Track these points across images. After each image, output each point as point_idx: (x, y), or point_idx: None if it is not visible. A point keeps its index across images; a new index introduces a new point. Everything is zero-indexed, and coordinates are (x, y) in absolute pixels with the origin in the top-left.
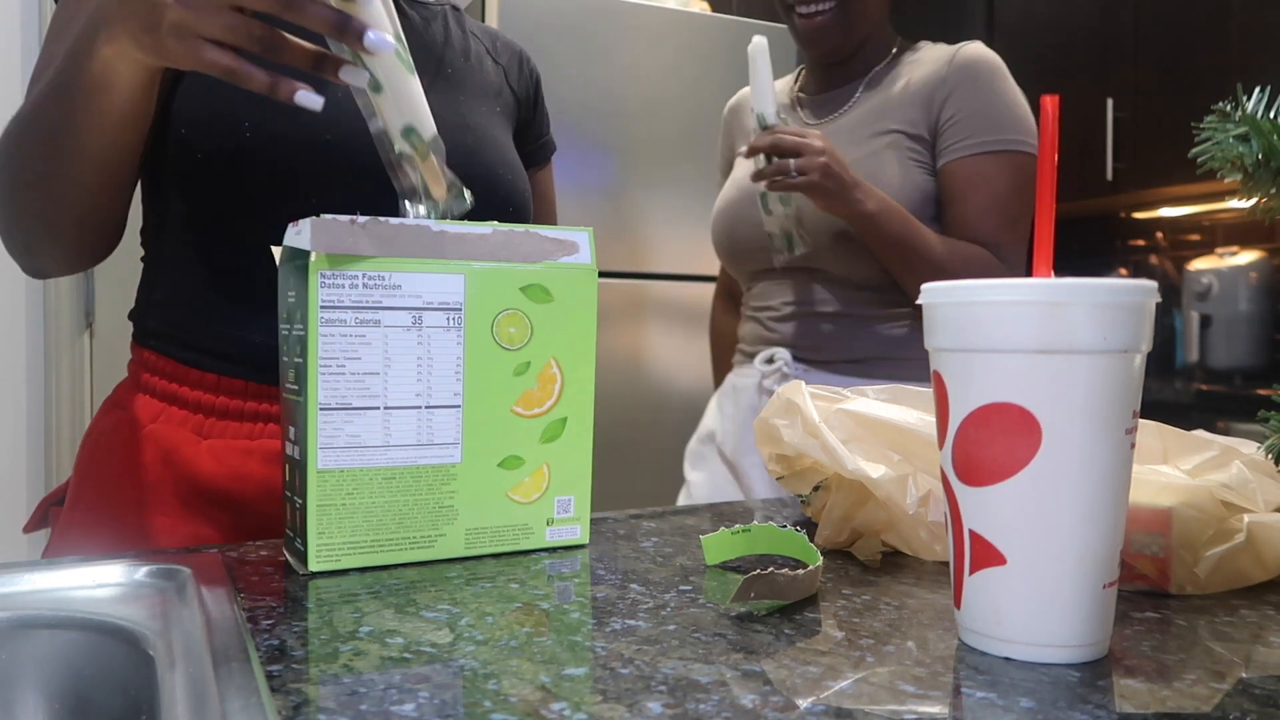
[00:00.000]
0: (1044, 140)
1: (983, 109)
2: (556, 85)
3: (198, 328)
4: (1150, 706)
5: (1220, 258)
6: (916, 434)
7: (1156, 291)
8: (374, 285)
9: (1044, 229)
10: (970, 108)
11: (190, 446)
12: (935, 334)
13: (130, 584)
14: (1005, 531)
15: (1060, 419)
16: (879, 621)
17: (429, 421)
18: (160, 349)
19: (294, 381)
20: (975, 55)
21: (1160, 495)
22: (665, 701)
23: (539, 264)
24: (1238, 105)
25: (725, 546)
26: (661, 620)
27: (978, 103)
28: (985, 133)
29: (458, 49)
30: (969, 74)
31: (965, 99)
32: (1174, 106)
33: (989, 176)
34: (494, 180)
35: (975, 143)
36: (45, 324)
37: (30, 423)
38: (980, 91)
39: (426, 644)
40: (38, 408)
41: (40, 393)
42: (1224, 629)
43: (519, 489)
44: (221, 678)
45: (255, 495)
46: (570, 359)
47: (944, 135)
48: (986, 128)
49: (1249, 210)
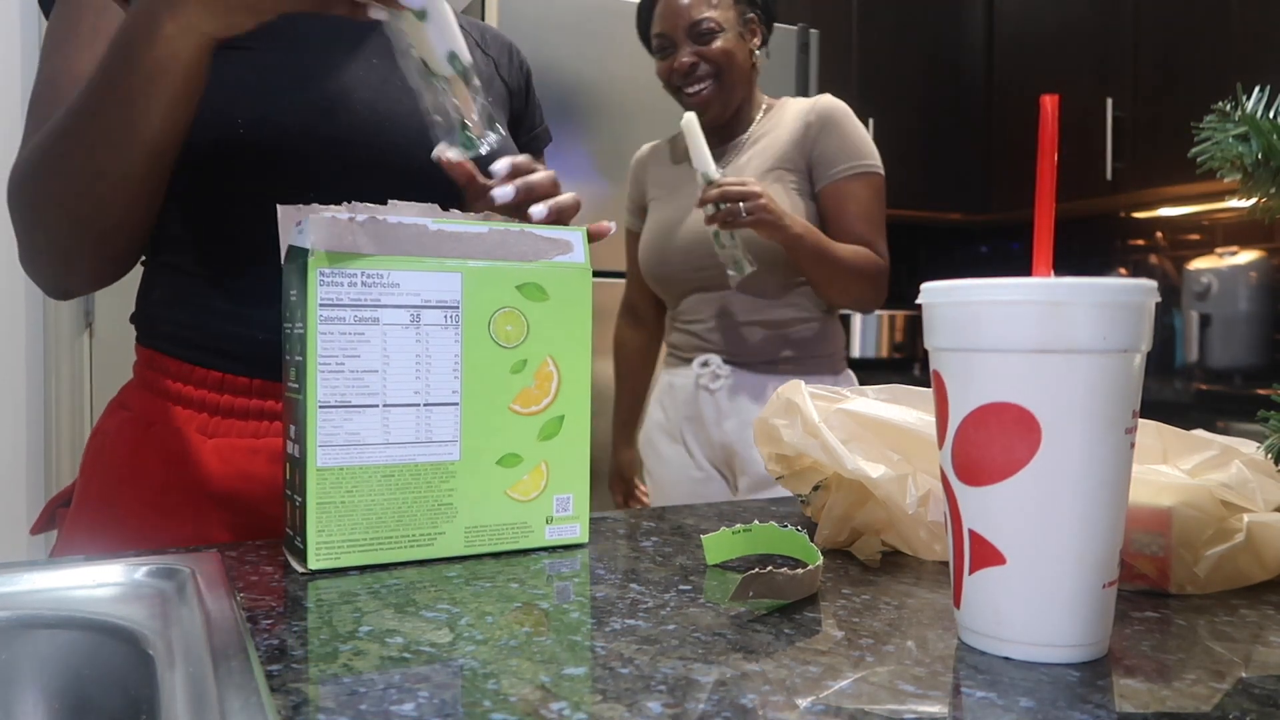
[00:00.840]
0: (1043, 140)
1: (844, 143)
2: (556, 84)
3: (198, 326)
4: (1150, 706)
5: (1220, 257)
6: (916, 434)
7: (1156, 291)
8: (373, 283)
9: (1043, 228)
10: (834, 144)
11: (196, 446)
12: (935, 334)
13: (130, 584)
14: (1005, 531)
15: (1060, 419)
16: (879, 621)
17: (427, 419)
18: (163, 348)
19: (294, 379)
20: (830, 104)
21: (1160, 495)
22: (665, 701)
23: (534, 263)
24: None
25: (725, 546)
26: (661, 620)
27: (839, 139)
28: (847, 160)
29: None
30: (828, 117)
31: (829, 137)
32: (1173, 106)
33: (857, 193)
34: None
35: (842, 168)
36: (45, 324)
37: (30, 423)
38: (839, 130)
39: (426, 644)
40: (37, 408)
41: (40, 393)
42: (1224, 628)
43: (518, 487)
44: (221, 677)
45: (262, 495)
46: (566, 357)
47: (817, 167)
48: (849, 156)
49: (1249, 210)
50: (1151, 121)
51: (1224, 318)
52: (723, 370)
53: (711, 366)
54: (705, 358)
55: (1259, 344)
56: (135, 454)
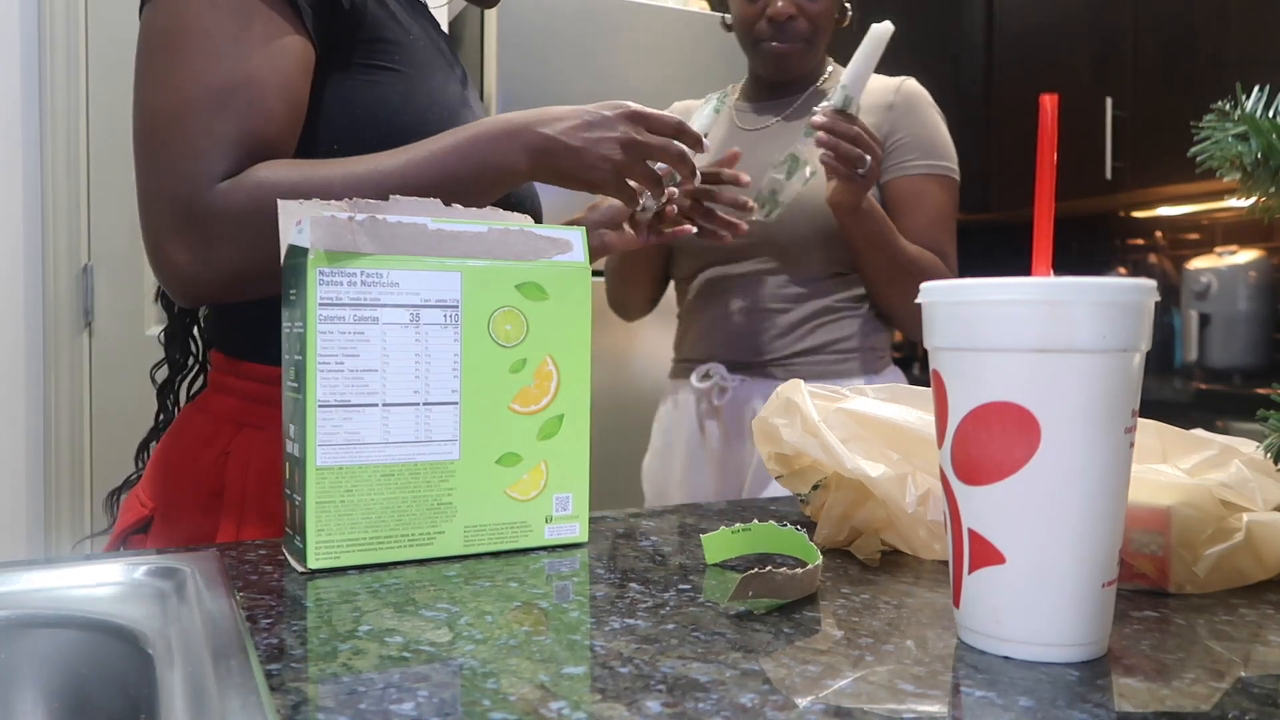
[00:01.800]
0: (1043, 139)
1: (928, 136)
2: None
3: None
4: (1149, 705)
5: (1219, 257)
6: (915, 433)
7: (1155, 290)
8: (372, 283)
9: (1043, 228)
10: (915, 133)
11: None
12: (934, 333)
13: (129, 583)
14: (1004, 530)
15: (1059, 418)
16: (878, 620)
17: (427, 418)
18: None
19: (294, 379)
20: (920, 89)
21: (1159, 494)
22: (664, 700)
23: (534, 262)
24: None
25: (725, 545)
26: (661, 619)
27: (922, 130)
28: (929, 157)
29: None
30: (915, 103)
31: (912, 125)
32: (1173, 105)
33: (933, 194)
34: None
35: (923, 164)
36: (45, 323)
37: (29, 421)
38: (924, 121)
39: (425, 643)
40: (36, 406)
41: (39, 391)
42: (1223, 628)
43: (517, 486)
44: (220, 676)
45: None
46: (566, 356)
47: (893, 153)
48: (930, 153)
49: (1248, 209)
50: (1151, 121)
51: (1223, 317)
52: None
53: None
54: (706, 368)
55: (1258, 343)
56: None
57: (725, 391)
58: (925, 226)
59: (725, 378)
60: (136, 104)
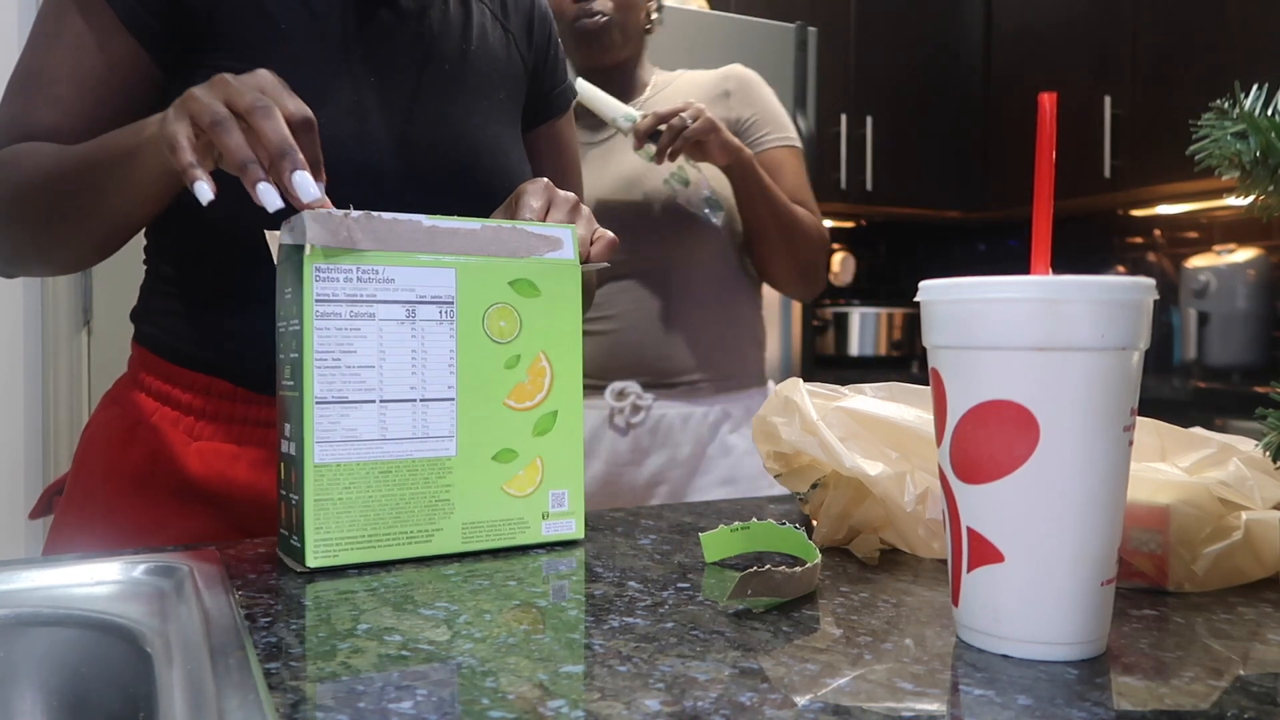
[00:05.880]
0: (1041, 138)
1: (772, 112)
2: None
3: (190, 333)
4: (1148, 704)
5: (1218, 255)
6: (914, 431)
7: (1154, 289)
8: (368, 279)
9: (1042, 226)
10: (760, 111)
11: (180, 447)
12: (933, 331)
13: (128, 581)
14: (1003, 529)
15: (1058, 416)
16: (877, 619)
17: (424, 414)
18: (156, 349)
19: (290, 377)
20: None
21: (1158, 492)
22: (663, 699)
23: (526, 259)
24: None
25: (724, 544)
26: (659, 618)
27: (766, 107)
28: (780, 130)
29: (456, 35)
30: (750, 85)
31: (755, 104)
32: (1172, 104)
33: (790, 162)
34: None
35: (776, 138)
36: (43, 322)
37: (28, 419)
38: (765, 98)
39: (424, 642)
40: (35, 404)
41: (38, 390)
42: (1222, 626)
43: (513, 482)
44: (219, 675)
45: (242, 499)
46: (558, 353)
47: (745, 134)
48: (781, 127)
49: (1247, 208)
50: (1150, 119)
51: (1222, 315)
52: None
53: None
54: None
55: (1257, 342)
56: (122, 449)
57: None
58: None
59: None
60: None
